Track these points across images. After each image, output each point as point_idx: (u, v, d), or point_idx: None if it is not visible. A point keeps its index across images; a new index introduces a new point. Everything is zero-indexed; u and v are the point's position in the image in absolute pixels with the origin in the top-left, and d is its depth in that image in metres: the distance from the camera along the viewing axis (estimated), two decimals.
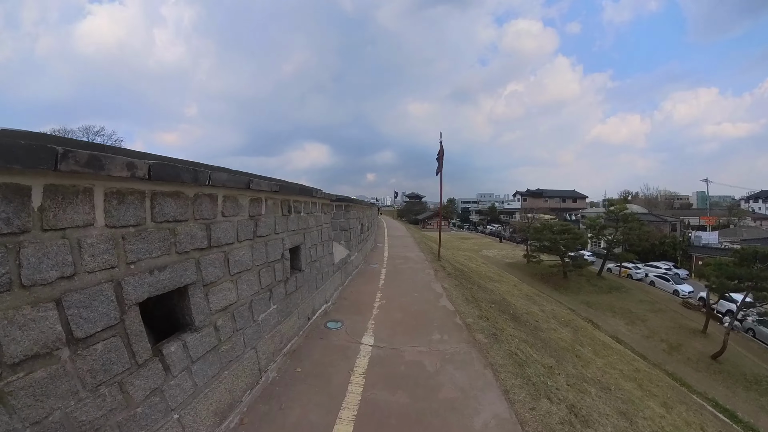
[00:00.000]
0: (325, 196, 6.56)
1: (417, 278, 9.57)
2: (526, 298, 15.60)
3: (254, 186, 3.64)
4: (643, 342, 26.07)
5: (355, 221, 10.45)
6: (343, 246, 9.03)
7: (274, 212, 4.45)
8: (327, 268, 6.96)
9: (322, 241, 6.61)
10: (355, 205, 10.42)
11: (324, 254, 6.73)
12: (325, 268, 6.82)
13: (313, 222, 6.07)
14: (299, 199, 5.39)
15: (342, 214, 9.16)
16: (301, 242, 5.47)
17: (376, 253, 14.38)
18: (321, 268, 6.55)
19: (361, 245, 11.44)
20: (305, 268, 5.67)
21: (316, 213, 6.25)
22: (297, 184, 5.10)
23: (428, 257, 13.77)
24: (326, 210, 6.92)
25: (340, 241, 9.04)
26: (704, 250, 43.14)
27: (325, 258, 6.82)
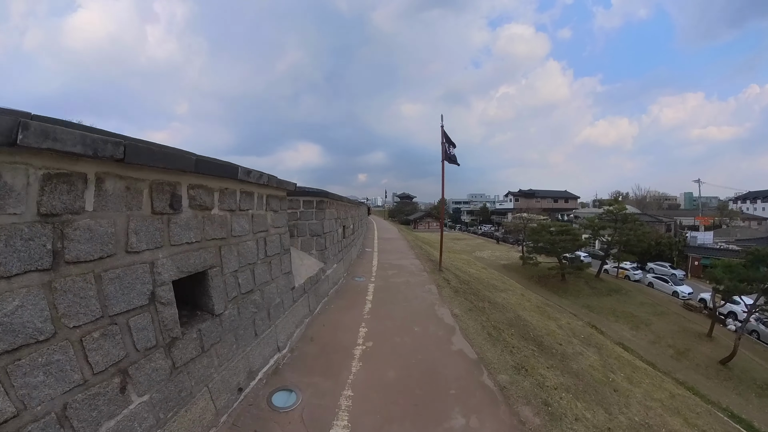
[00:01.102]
0: (274, 184, 3.93)
1: (416, 299, 7.11)
2: (538, 312, 13.15)
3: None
4: (650, 348, 24.48)
5: (334, 223, 7.88)
6: (315, 257, 6.51)
7: (118, 209, 1.84)
8: (280, 296, 4.38)
9: (269, 257, 4.04)
10: (333, 201, 7.83)
11: (273, 277, 4.16)
12: (276, 299, 4.24)
13: (246, 226, 3.48)
14: (207, 185, 2.76)
15: (313, 213, 6.49)
16: (212, 264, 2.85)
17: (364, 261, 11.87)
18: (266, 300, 3.98)
19: (342, 254, 9.06)
20: (225, 309, 3.05)
21: (254, 211, 3.65)
22: (194, 155, 2.48)
23: (426, 266, 11.42)
24: (277, 206, 4.29)
25: (311, 251, 6.53)
26: (700, 251, 41.55)
27: (276, 283, 4.24)
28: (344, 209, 9.69)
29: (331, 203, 7.49)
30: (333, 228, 7.68)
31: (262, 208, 3.87)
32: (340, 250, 8.75)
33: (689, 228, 49.67)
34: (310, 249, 6.56)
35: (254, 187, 3.63)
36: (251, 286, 3.61)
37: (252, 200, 3.62)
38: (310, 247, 6.56)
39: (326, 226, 6.91)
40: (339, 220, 8.56)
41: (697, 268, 41.08)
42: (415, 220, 71.93)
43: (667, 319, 28.63)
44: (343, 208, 9.54)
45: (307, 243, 6.52)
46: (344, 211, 9.67)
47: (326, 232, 6.89)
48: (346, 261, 9.78)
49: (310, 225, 6.49)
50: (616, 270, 35.87)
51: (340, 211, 8.68)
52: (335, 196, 7.83)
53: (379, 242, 18.87)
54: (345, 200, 9.68)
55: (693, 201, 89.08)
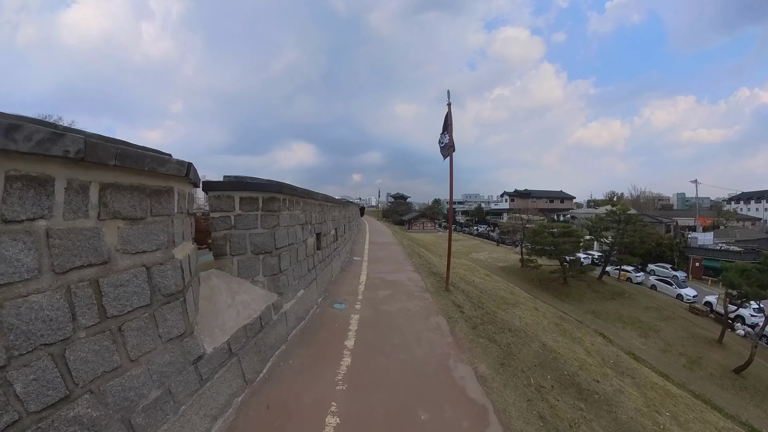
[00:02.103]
0: (120, 162, 1.64)
1: (419, 344, 4.82)
2: (559, 331, 11.01)
3: None
4: (661, 357, 22.94)
5: (299, 232, 5.42)
6: (262, 287, 4.15)
7: None
8: (162, 384, 2.09)
9: (115, 320, 1.73)
10: (298, 200, 5.42)
11: (135, 355, 1.86)
12: (150, 391, 1.98)
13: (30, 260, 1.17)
14: None
15: (257, 219, 4.16)
16: None
17: (349, 276, 9.48)
18: (118, 403, 1.63)
19: (316, 272, 6.59)
20: None
21: (50, 223, 1.34)
22: None
23: (428, 282, 9.01)
24: (143, 210, 2.01)
25: (255, 277, 4.14)
26: (701, 252, 39.93)
27: (146, 365, 1.92)
28: (320, 211, 7.28)
29: (294, 202, 5.10)
30: (297, 239, 5.27)
31: (81, 215, 1.59)
32: (312, 268, 6.31)
33: (686, 229, 48.08)
34: (254, 274, 4.12)
35: (46, 166, 1.36)
36: (59, 393, 1.36)
37: (45, 199, 1.36)
38: (253, 272, 4.11)
39: (282, 237, 4.55)
40: (310, 226, 6.14)
41: (698, 270, 39.47)
42: (409, 221, 69.50)
43: (674, 325, 27.04)
44: (318, 209, 7.10)
45: (249, 265, 4.07)
46: (319, 213, 7.24)
47: (282, 246, 4.53)
48: (323, 280, 7.42)
49: (252, 237, 4.04)
50: (617, 272, 34.03)
51: (311, 214, 6.27)
52: (301, 192, 5.37)
53: (370, 248, 16.34)
54: (320, 198, 7.13)
55: (686, 201, 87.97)
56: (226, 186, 3.92)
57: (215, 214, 3.94)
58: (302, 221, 5.63)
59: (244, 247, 4.03)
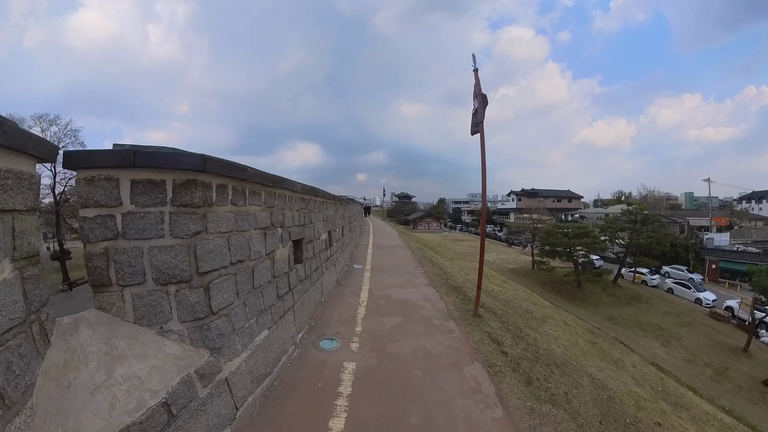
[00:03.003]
0: None
1: (452, 429, 2.86)
2: (596, 352, 9.22)
3: None
4: (686, 368, 21.13)
5: (259, 241, 3.57)
6: (176, 344, 2.29)
7: None
8: None
9: None
10: (260, 189, 3.61)
11: None
12: None
13: None
14: None
15: (162, 220, 2.29)
16: None
17: (346, 292, 7.44)
18: None
19: (292, 300, 4.69)
20: None
21: None
22: None
23: (449, 301, 7.01)
24: None
25: (166, 324, 2.31)
26: (718, 253, 37.67)
27: None
28: (302, 208, 5.22)
29: (245, 193, 3.22)
30: (252, 253, 3.36)
31: None
32: (286, 293, 4.40)
33: (699, 229, 45.69)
34: (163, 319, 2.36)
35: None
36: None
37: None
38: (160, 315, 2.35)
39: (215, 251, 2.68)
40: (281, 230, 4.21)
41: (715, 272, 37.25)
42: (414, 221, 67.53)
43: (696, 331, 25.15)
44: (299, 205, 5.08)
45: (151, 304, 2.32)
46: (301, 211, 5.20)
47: (215, 269, 2.69)
48: (308, 305, 5.44)
49: (154, 254, 2.31)
50: (632, 275, 31.95)
51: (283, 212, 4.34)
52: (262, 177, 3.44)
53: (374, 252, 13.95)
54: (300, 190, 4.99)
55: (694, 201, 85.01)
56: (104, 159, 2.16)
57: (88, 212, 2.22)
58: (264, 223, 3.72)
59: (141, 272, 2.28)
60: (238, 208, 3.13)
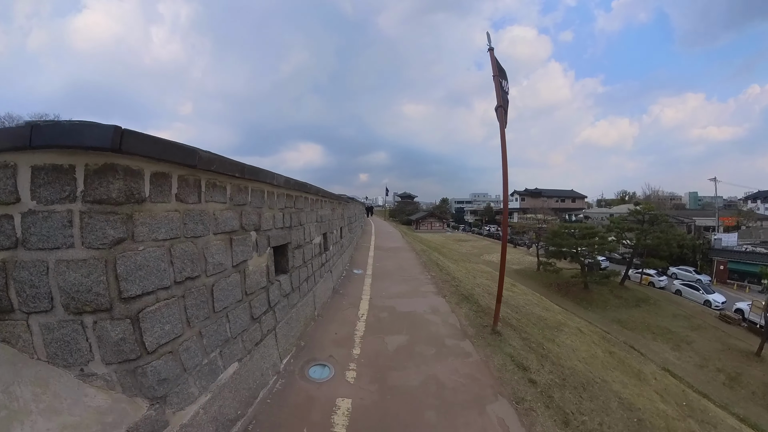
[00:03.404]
0: None
1: None
2: (617, 363, 8.58)
3: None
4: (698, 374, 20.40)
5: (221, 252, 2.69)
6: (102, 392, 1.60)
7: None
8: None
9: None
10: (225, 181, 2.75)
11: None
12: None
13: None
14: None
15: (69, 223, 1.60)
16: None
17: (344, 303, 6.61)
18: None
19: (274, 325, 3.84)
20: None
21: None
22: None
23: (461, 314, 6.17)
24: None
25: (87, 365, 1.64)
26: (726, 254, 36.76)
27: None
28: (285, 207, 4.33)
29: (201, 186, 2.43)
30: (210, 266, 2.56)
31: None
32: (265, 312, 3.65)
33: (705, 229, 44.72)
34: (84, 358, 1.67)
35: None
36: None
37: None
38: (78, 353, 1.64)
39: (152, 266, 1.92)
40: (255, 235, 3.38)
41: (723, 273, 36.36)
42: (417, 221, 66.73)
43: (706, 335, 24.36)
44: (282, 203, 4.20)
45: (65, 339, 1.62)
46: (285, 211, 4.32)
47: (151, 292, 1.92)
48: (295, 324, 4.61)
49: (61, 272, 1.59)
50: (639, 276, 31.11)
51: (260, 213, 3.49)
52: (227, 165, 2.64)
53: (376, 255, 13.04)
54: (284, 184, 4.15)
55: (698, 200, 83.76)
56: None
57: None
58: (229, 226, 2.89)
59: (47, 295, 1.64)
60: (188, 206, 2.31)
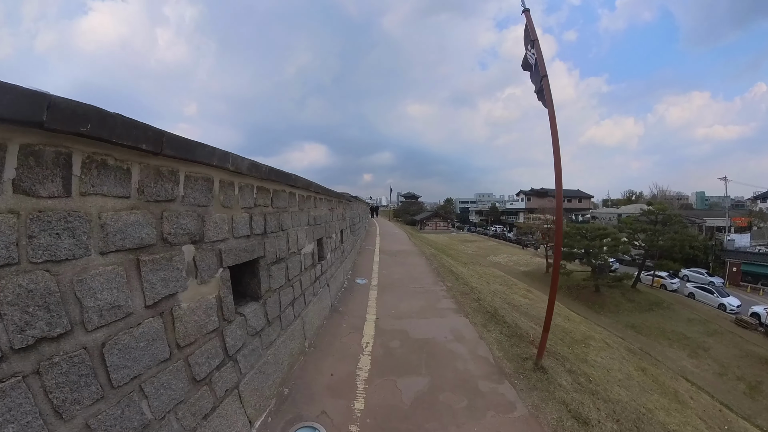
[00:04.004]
0: None
1: None
2: (651, 381, 7.74)
3: None
4: (717, 383, 19.37)
5: (115, 295, 1.55)
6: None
7: None
8: None
9: None
10: (120, 155, 1.62)
11: None
12: None
13: None
14: None
15: None
16: None
17: (344, 325, 5.44)
18: None
19: (236, 382, 2.63)
20: None
21: None
22: None
23: (491, 339, 5.09)
24: None
25: None
26: (740, 255, 35.52)
27: None
28: (261, 205, 3.30)
29: (92, 167, 1.42)
30: (93, 313, 1.46)
31: None
32: (219, 367, 2.46)
33: (717, 230, 43.41)
34: None
35: None
36: None
37: None
38: None
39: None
40: (202, 250, 2.28)
41: (736, 275, 35.18)
42: (421, 221, 65.77)
43: (723, 341, 23.29)
44: (251, 198, 3.08)
45: None
46: (263, 210, 3.34)
47: None
48: (269, 375, 3.26)
49: None
50: (651, 278, 30.02)
51: (209, 210, 2.38)
52: (97, 120, 1.42)
53: (381, 260, 11.75)
54: (244, 171, 2.82)
55: (705, 200, 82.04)
56: None
57: None
58: (138, 238, 1.77)
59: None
60: (41, 201, 1.34)
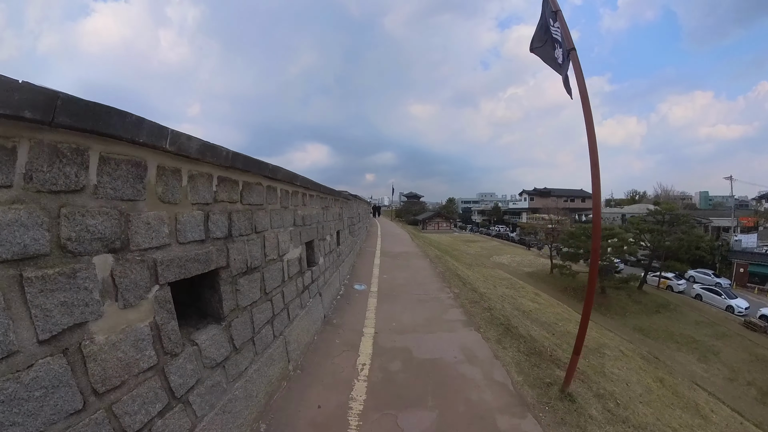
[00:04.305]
0: None
1: None
2: (671, 394, 7.33)
3: None
4: (728, 388, 18.86)
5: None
6: None
7: None
8: None
9: None
10: None
11: None
12: None
13: None
14: None
15: None
16: None
17: (337, 342, 4.63)
18: None
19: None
20: None
21: None
22: None
23: (507, 359, 4.31)
24: None
25: None
26: (747, 256, 34.86)
27: None
28: (224, 200, 2.59)
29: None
30: None
31: None
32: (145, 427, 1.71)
33: (724, 230, 42.72)
34: None
35: None
36: None
37: None
38: None
39: None
40: (125, 264, 1.65)
41: (743, 276, 34.53)
42: (423, 221, 65.23)
43: (732, 344, 22.73)
44: (209, 188, 2.40)
45: None
46: (226, 207, 2.62)
47: None
48: (238, 415, 2.61)
49: None
50: (657, 280, 29.44)
51: (139, 208, 1.78)
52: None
53: (382, 263, 10.84)
54: (193, 153, 2.19)
55: (709, 200, 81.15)
56: None
57: None
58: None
59: None
60: None
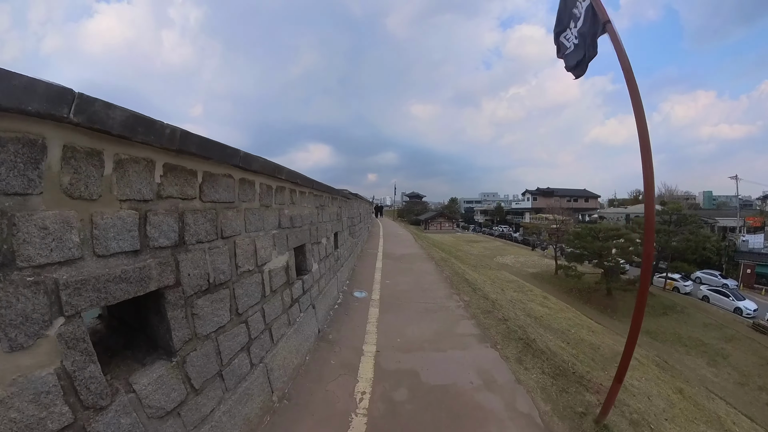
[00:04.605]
0: None
1: None
2: (691, 407, 6.93)
3: None
4: (738, 393, 18.41)
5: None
6: None
7: None
8: None
9: None
10: None
11: None
12: None
13: None
14: None
15: None
16: None
17: (333, 360, 3.93)
18: None
19: None
20: None
21: None
22: None
23: (533, 386, 3.52)
24: None
25: None
26: (754, 257, 34.28)
27: None
28: (156, 193, 1.83)
29: None
30: None
31: None
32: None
33: (731, 230, 42.04)
34: None
35: None
36: None
37: None
38: None
39: None
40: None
41: (750, 277, 33.92)
42: (426, 221, 64.75)
43: (741, 347, 22.23)
44: (144, 171, 1.74)
45: None
46: (173, 202, 1.95)
47: None
48: None
49: None
50: (663, 281, 28.91)
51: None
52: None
53: (385, 267, 10.07)
54: (117, 130, 1.48)
55: (713, 200, 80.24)
56: None
57: None
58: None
59: None
60: None
